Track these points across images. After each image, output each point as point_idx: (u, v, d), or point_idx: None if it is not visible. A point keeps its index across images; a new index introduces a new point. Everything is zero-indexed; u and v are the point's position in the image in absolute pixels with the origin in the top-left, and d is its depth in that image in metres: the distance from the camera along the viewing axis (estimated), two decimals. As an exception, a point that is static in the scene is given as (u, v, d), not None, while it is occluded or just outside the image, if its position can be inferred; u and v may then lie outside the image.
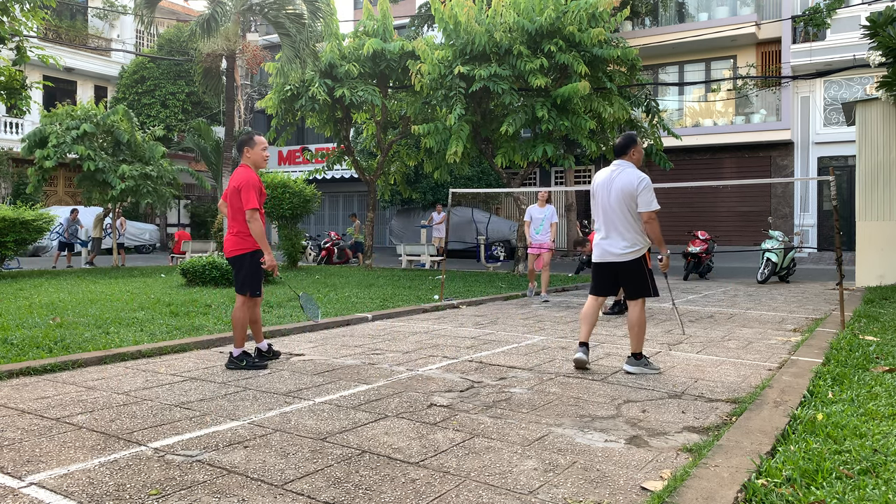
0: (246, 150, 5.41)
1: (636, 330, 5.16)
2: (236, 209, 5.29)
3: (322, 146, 28.06)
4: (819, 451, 3.10)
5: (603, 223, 5.19)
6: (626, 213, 5.06)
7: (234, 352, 5.39)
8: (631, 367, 5.21)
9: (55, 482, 2.98)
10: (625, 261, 5.11)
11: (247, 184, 5.21)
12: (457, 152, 13.40)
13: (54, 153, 14.99)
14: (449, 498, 2.82)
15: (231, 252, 5.40)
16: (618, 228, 5.08)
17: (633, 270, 5.13)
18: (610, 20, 13.79)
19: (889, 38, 10.98)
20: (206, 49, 14.16)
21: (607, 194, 5.13)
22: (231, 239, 5.38)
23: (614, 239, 5.11)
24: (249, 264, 5.37)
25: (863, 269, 12.31)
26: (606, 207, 5.13)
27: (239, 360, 5.31)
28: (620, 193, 5.05)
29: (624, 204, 5.04)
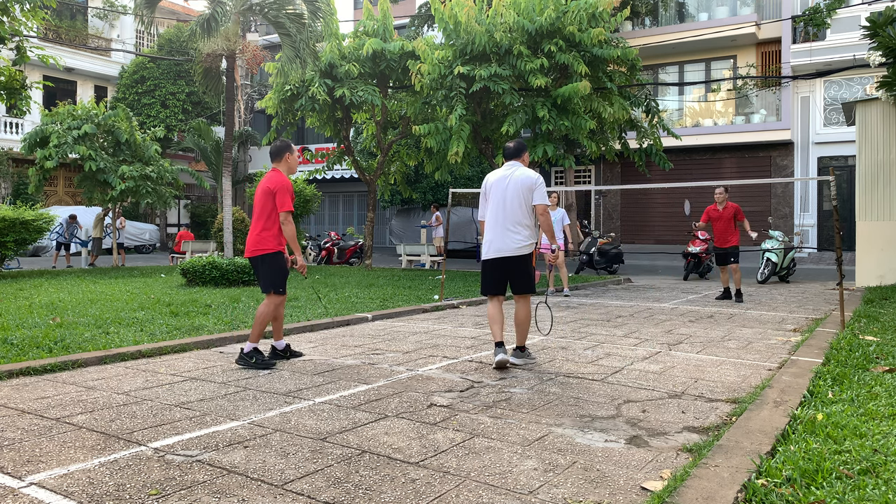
0: (287, 156, 5.63)
1: (524, 325, 5.50)
2: (264, 210, 5.45)
3: (322, 146, 28.07)
4: (819, 451, 3.10)
5: (496, 220, 5.35)
6: (521, 207, 5.28)
7: (246, 347, 5.45)
8: (517, 359, 5.59)
9: (55, 482, 2.98)
10: (518, 255, 5.31)
11: (283, 187, 5.43)
12: (458, 152, 13.39)
13: (55, 153, 14.99)
14: (449, 498, 2.82)
15: (253, 252, 5.52)
16: (513, 223, 5.27)
17: (523, 265, 5.36)
18: (610, 20, 13.78)
19: (889, 38, 10.98)
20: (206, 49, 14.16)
21: (503, 190, 5.34)
22: (254, 238, 5.51)
23: (510, 234, 5.28)
24: (272, 263, 5.50)
25: (863, 269, 12.31)
26: (502, 202, 5.31)
27: (249, 357, 5.38)
28: (519, 187, 5.29)
29: (521, 196, 5.27)
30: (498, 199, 5.35)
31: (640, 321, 8.28)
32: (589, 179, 24.83)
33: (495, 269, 5.43)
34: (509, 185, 5.32)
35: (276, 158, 5.67)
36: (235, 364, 5.45)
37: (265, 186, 5.47)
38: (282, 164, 5.64)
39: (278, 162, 5.65)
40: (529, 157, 13.69)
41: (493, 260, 5.41)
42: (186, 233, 20.59)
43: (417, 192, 23.47)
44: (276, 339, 5.78)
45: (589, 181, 24.75)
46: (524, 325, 5.51)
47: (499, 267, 5.41)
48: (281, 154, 5.65)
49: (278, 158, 5.65)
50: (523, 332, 5.55)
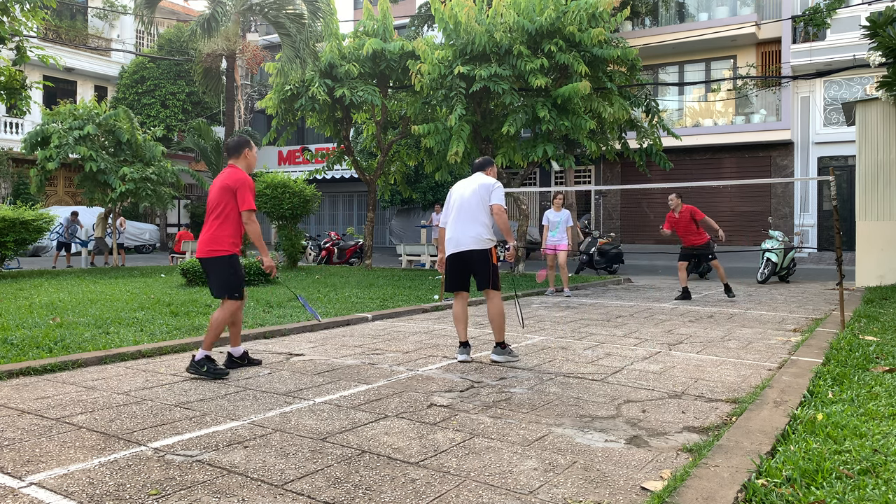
0: (246, 152, 5.27)
1: (498, 321, 5.59)
2: (219, 208, 5.07)
3: (322, 146, 28.07)
4: (819, 451, 3.10)
5: (457, 219, 5.65)
6: (480, 206, 5.60)
7: (197, 354, 5.06)
8: (497, 356, 5.63)
9: (55, 482, 2.98)
10: (477, 249, 5.54)
11: (243, 184, 5.06)
12: (458, 152, 13.39)
13: (57, 154, 15.00)
14: (449, 498, 2.82)
15: (206, 253, 5.10)
16: (471, 220, 5.58)
17: (483, 261, 5.57)
18: (610, 20, 13.78)
19: (889, 38, 10.98)
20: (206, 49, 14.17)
21: (465, 194, 5.70)
22: (207, 238, 5.10)
23: (468, 229, 5.56)
24: (227, 266, 5.10)
25: (863, 269, 12.31)
26: (463, 204, 5.65)
27: (200, 365, 5.00)
28: (479, 190, 5.66)
29: (480, 197, 5.61)
30: (459, 203, 5.69)
31: (640, 321, 8.28)
32: (589, 179, 24.84)
33: (455, 264, 5.69)
34: (471, 191, 5.68)
35: (234, 154, 5.27)
36: (186, 372, 5.07)
37: (223, 183, 5.08)
38: (240, 161, 5.26)
39: (236, 158, 5.26)
40: (531, 156, 13.78)
41: (453, 255, 5.68)
42: (186, 233, 20.59)
43: (417, 192, 23.47)
44: (232, 345, 5.39)
45: (589, 181, 24.75)
46: (497, 321, 5.61)
47: (458, 262, 5.67)
48: (240, 150, 5.27)
49: (237, 154, 5.27)
50: (498, 327, 5.62)
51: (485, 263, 5.57)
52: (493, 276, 5.57)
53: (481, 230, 5.55)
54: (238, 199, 5.05)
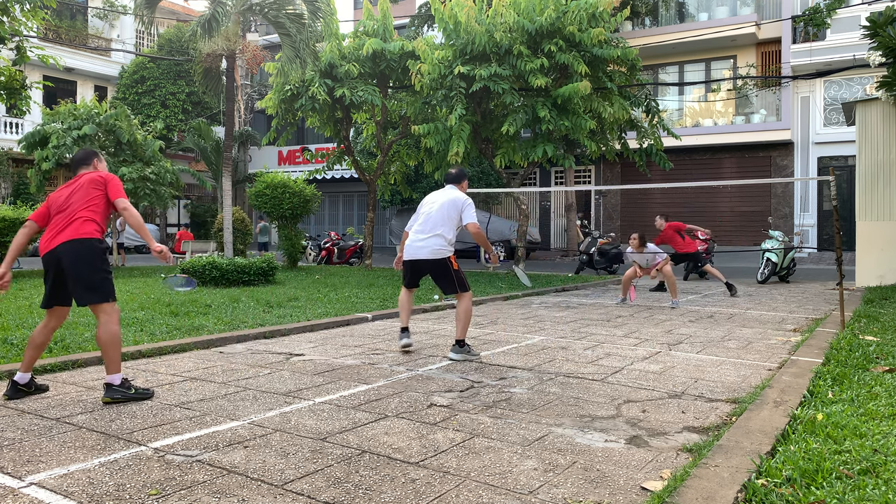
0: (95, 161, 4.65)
1: (464, 320, 5.79)
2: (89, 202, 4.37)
3: (322, 146, 28.07)
4: (819, 451, 3.10)
5: (420, 229, 5.91)
6: (447, 220, 5.86)
7: (114, 380, 4.28)
8: (455, 354, 5.74)
9: (55, 482, 2.98)
10: (435, 258, 5.84)
11: (114, 178, 4.53)
12: (458, 152, 13.39)
13: (53, 154, 14.99)
14: (449, 498, 2.82)
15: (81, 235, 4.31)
16: (432, 233, 5.85)
17: (442, 269, 5.86)
18: (610, 20, 13.78)
19: (889, 38, 10.98)
20: (206, 49, 14.15)
21: (433, 208, 5.94)
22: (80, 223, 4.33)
23: (428, 240, 5.84)
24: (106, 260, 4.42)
25: (863, 269, 12.31)
26: (431, 214, 5.90)
27: (126, 389, 4.31)
28: (447, 206, 5.90)
29: (448, 212, 5.86)
30: (428, 212, 5.95)
31: (640, 321, 8.28)
32: (589, 179, 24.84)
33: (411, 268, 6.06)
34: (441, 203, 5.94)
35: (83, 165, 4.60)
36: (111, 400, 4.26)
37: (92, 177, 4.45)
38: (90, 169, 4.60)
39: (86, 167, 4.60)
40: (531, 156, 13.79)
41: (409, 261, 6.02)
42: (186, 233, 20.58)
43: (417, 192, 23.46)
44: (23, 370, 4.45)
45: (589, 181, 24.75)
46: (462, 320, 5.81)
47: (414, 268, 6.04)
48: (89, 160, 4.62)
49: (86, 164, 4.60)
50: (461, 325, 5.81)
51: (445, 270, 5.87)
52: (457, 281, 5.86)
53: (439, 242, 5.84)
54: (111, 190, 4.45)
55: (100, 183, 4.46)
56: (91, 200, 4.40)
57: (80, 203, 4.38)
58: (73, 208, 4.36)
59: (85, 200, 4.38)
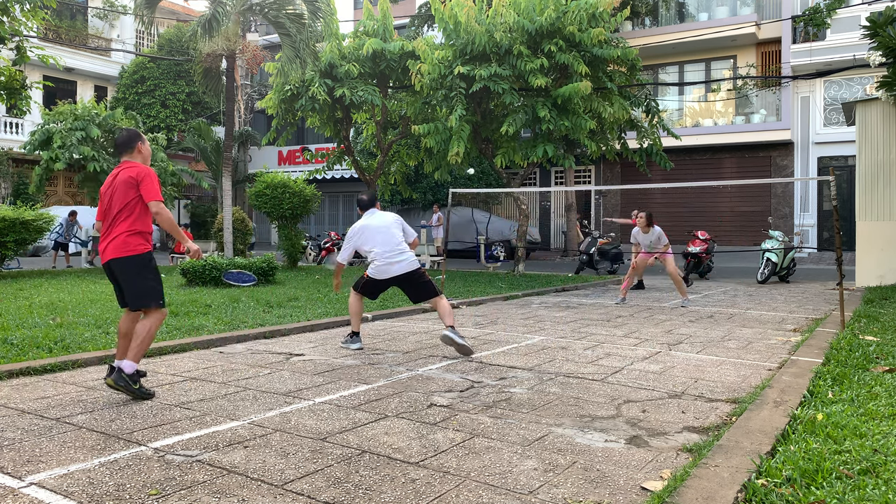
0: (139, 145, 4.76)
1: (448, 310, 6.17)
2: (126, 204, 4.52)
3: (322, 146, 28.06)
4: (819, 451, 3.10)
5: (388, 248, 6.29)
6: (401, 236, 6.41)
7: (126, 367, 4.41)
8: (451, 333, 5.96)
9: (55, 482, 2.98)
10: (414, 269, 6.28)
11: (148, 174, 4.57)
12: (458, 152, 13.40)
13: (61, 154, 15.02)
14: (449, 498, 2.82)
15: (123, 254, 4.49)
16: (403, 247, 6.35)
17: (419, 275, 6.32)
18: (610, 20, 13.78)
19: (889, 38, 10.98)
20: (206, 49, 14.14)
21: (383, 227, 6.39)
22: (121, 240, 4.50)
23: (405, 254, 6.29)
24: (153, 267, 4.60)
25: (863, 269, 12.31)
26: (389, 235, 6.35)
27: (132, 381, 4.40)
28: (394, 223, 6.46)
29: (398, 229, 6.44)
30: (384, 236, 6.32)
31: (640, 321, 8.28)
32: (589, 179, 24.84)
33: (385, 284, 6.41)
34: (387, 224, 6.40)
35: (126, 149, 4.72)
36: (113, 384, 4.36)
37: (125, 177, 4.54)
38: (137, 155, 4.73)
39: (130, 153, 4.70)
40: (531, 157, 13.80)
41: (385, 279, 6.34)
42: (186, 233, 20.57)
43: (417, 192, 23.48)
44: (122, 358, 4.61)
45: (589, 181, 24.75)
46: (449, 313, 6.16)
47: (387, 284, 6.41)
48: (131, 145, 4.72)
49: (129, 149, 4.71)
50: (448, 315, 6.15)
51: (421, 277, 6.32)
52: (430, 287, 6.32)
53: (411, 255, 6.36)
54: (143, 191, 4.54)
55: (133, 184, 4.55)
56: (129, 205, 4.56)
57: (119, 207, 4.55)
58: (114, 213, 4.57)
59: (123, 205, 4.55)
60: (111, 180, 4.65)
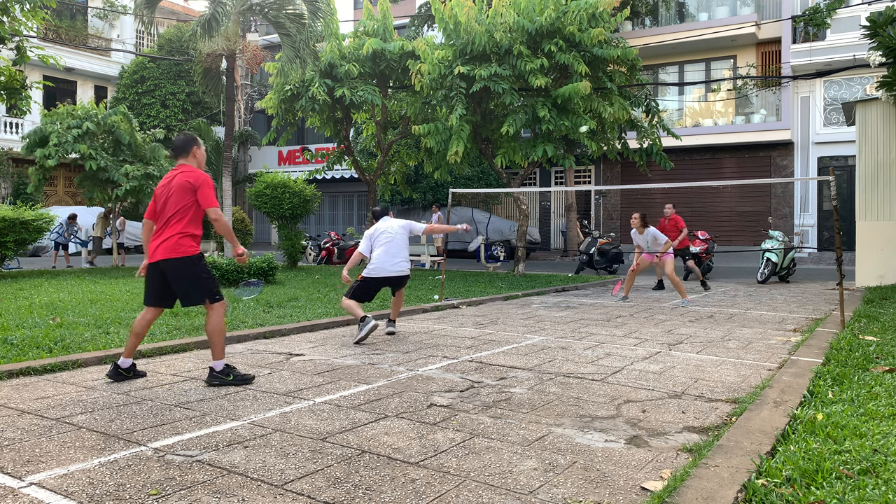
0: (195, 150, 4.94)
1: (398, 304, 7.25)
2: (181, 208, 4.73)
3: (322, 146, 28.07)
4: (819, 451, 3.10)
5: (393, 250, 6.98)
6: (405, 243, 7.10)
7: (216, 365, 4.78)
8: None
9: (55, 482, 2.98)
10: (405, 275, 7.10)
11: (206, 181, 4.78)
12: (458, 152, 13.40)
13: (55, 152, 14.99)
14: (449, 498, 2.82)
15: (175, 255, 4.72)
16: (402, 252, 7.04)
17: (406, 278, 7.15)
18: (610, 20, 13.78)
19: (889, 38, 10.98)
20: (206, 49, 14.15)
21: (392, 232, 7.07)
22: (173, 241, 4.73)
23: (400, 259, 7.01)
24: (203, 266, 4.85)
25: (863, 269, 12.31)
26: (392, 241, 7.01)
27: (225, 375, 4.78)
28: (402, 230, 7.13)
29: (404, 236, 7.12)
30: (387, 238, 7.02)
31: (640, 321, 8.28)
32: (589, 179, 24.84)
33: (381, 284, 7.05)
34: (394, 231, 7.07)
35: (182, 153, 4.92)
36: (208, 385, 4.75)
37: (181, 182, 4.74)
38: (192, 160, 4.92)
39: (185, 157, 4.92)
40: (531, 157, 13.80)
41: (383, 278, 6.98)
42: None
43: (417, 192, 23.47)
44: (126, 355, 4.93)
45: (589, 181, 24.75)
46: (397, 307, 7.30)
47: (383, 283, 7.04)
48: (187, 149, 4.92)
49: (185, 153, 4.92)
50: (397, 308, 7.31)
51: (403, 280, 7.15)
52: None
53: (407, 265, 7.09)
54: (200, 197, 4.77)
55: (190, 189, 4.79)
56: (184, 209, 4.76)
57: (174, 210, 4.77)
58: (169, 215, 4.78)
59: (178, 208, 4.76)
60: (167, 182, 4.84)
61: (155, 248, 4.77)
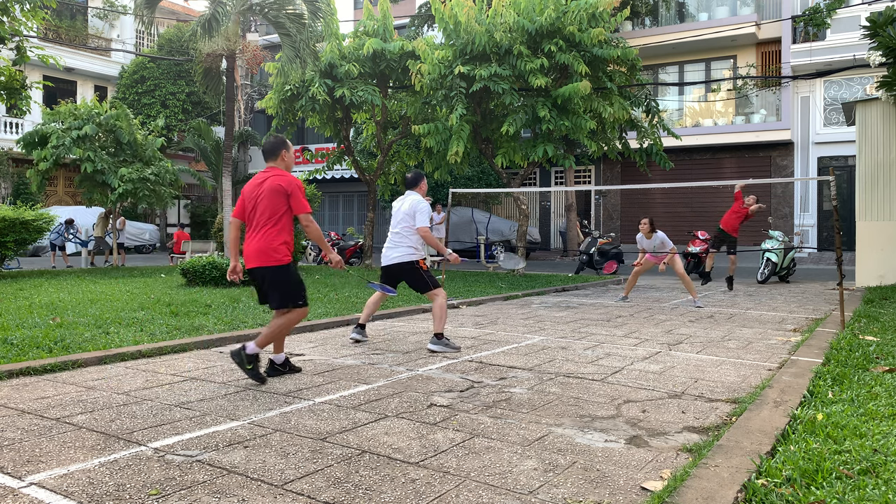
0: (283, 153, 5.00)
1: (438, 314, 6.17)
2: (274, 213, 4.78)
3: (322, 146, 28.07)
4: (819, 451, 3.10)
5: (389, 237, 6.42)
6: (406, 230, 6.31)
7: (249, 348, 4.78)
8: (434, 345, 6.14)
9: (55, 482, 2.98)
10: (398, 263, 6.28)
11: (299, 187, 4.82)
12: (458, 152, 13.39)
13: (51, 154, 14.99)
14: (449, 498, 2.82)
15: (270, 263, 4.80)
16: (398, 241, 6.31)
17: (410, 272, 6.30)
18: (610, 20, 13.78)
19: (889, 38, 10.98)
20: (207, 49, 14.15)
21: (397, 216, 6.41)
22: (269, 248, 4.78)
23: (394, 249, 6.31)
24: (295, 273, 4.94)
25: (863, 269, 12.31)
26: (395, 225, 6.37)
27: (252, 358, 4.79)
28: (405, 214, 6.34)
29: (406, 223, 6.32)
30: (393, 223, 6.41)
31: (640, 321, 8.28)
32: (589, 179, 24.84)
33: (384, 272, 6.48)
34: (402, 213, 6.37)
35: (272, 156, 4.99)
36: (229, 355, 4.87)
37: (275, 184, 4.77)
38: (281, 163, 4.99)
39: (274, 160, 4.98)
40: (531, 157, 13.79)
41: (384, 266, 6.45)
42: (183, 233, 20.54)
43: (417, 192, 23.45)
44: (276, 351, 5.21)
45: (589, 181, 24.75)
46: (438, 314, 6.18)
47: (386, 272, 6.46)
48: (276, 151, 4.99)
49: (274, 156, 4.99)
50: (438, 320, 6.19)
51: (412, 274, 6.28)
52: (428, 281, 6.26)
53: (404, 250, 6.27)
54: (293, 203, 4.79)
55: (283, 194, 4.79)
56: (277, 214, 4.80)
57: (268, 214, 4.80)
58: (262, 220, 4.82)
59: (271, 212, 4.80)
60: (257, 185, 4.87)
61: (250, 253, 4.84)
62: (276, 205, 4.79)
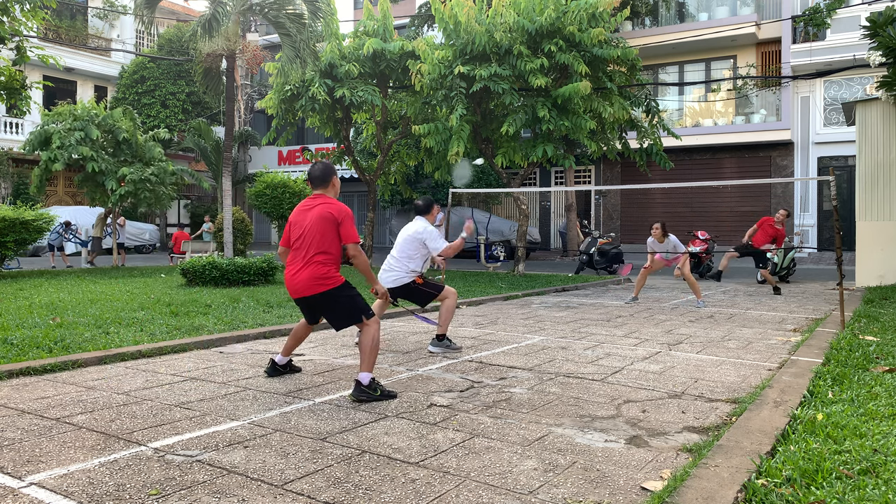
0: (333, 179, 4.86)
1: (445, 315, 6.24)
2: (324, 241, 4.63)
3: (322, 146, 28.07)
4: (819, 451, 3.10)
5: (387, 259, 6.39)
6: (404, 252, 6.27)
7: (363, 378, 4.47)
8: (434, 347, 6.20)
9: (55, 482, 2.98)
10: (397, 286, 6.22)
11: (349, 215, 4.71)
12: (458, 152, 13.39)
13: (60, 155, 15.01)
14: (449, 498, 2.82)
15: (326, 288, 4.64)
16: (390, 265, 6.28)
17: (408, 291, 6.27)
18: (610, 20, 13.78)
19: (889, 38, 10.98)
20: (207, 49, 14.14)
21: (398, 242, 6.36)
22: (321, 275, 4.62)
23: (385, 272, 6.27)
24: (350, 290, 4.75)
25: (863, 269, 12.31)
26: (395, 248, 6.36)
27: (372, 390, 4.45)
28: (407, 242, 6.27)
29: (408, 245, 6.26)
30: (394, 246, 6.37)
31: (640, 321, 8.28)
32: (589, 179, 24.84)
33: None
34: (402, 239, 6.32)
35: (321, 184, 4.82)
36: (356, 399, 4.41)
37: (325, 212, 4.63)
38: (329, 189, 4.83)
39: (324, 187, 4.82)
40: (531, 157, 13.79)
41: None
42: (182, 233, 20.53)
43: (417, 192, 23.47)
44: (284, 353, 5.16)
45: (589, 181, 24.75)
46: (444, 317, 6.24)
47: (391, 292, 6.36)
48: (328, 178, 4.82)
49: (324, 184, 4.82)
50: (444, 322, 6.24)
51: (413, 293, 6.30)
52: (431, 291, 6.32)
53: (398, 274, 6.22)
54: (343, 232, 4.68)
55: (333, 222, 4.66)
56: (326, 242, 4.65)
57: (317, 242, 4.64)
58: (311, 249, 4.65)
59: (320, 240, 4.64)
60: (305, 211, 4.74)
61: (299, 283, 4.65)
62: (326, 232, 4.63)
